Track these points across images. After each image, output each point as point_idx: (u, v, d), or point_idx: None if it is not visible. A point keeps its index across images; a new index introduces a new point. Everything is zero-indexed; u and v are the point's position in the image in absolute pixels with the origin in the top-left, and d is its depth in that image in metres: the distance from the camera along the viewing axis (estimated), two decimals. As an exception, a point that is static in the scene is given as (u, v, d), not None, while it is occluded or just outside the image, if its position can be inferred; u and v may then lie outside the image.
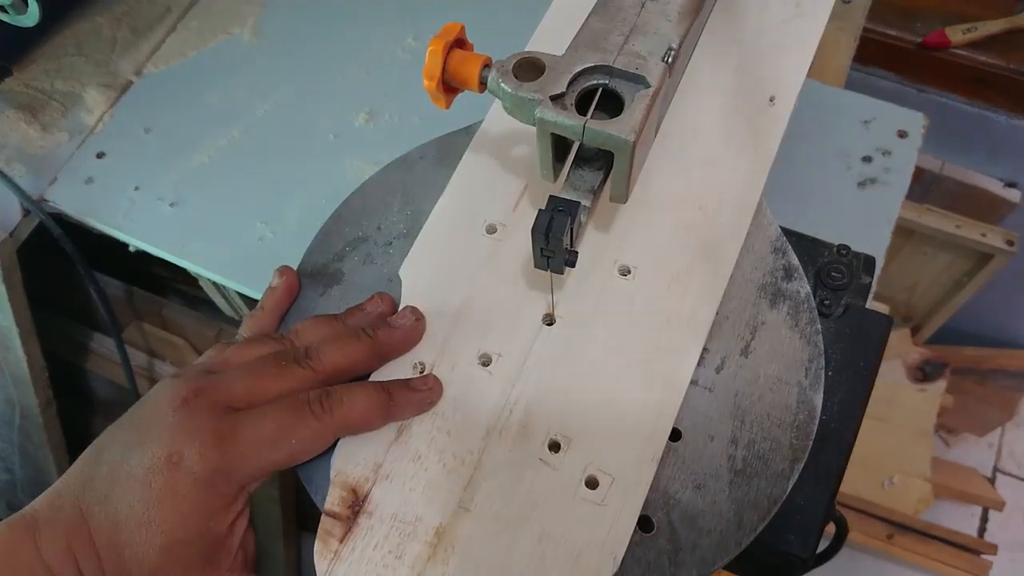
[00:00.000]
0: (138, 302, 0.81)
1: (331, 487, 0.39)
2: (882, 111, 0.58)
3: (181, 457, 0.36)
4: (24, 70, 0.65)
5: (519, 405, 0.40)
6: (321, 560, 0.37)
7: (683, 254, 0.43)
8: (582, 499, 0.38)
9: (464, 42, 0.41)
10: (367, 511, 0.38)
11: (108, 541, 0.35)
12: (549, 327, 0.42)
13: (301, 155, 0.59)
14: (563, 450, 0.39)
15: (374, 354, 0.40)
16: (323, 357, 0.39)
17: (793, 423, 0.40)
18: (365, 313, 0.43)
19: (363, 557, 0.37)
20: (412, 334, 0.41)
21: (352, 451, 0.39)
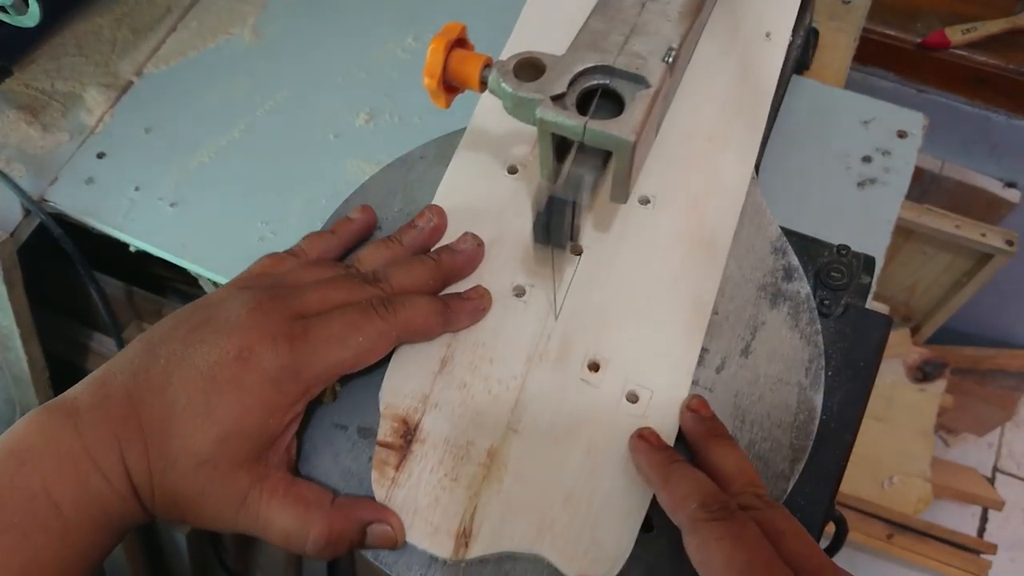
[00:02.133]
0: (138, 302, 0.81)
1: (382, 420, 0.40)
2: (882, 111, 0.58)
3: (252, 353, 0.36)
4: (24, 70, 0.65)
5: (556, 331, 0.42)
6: (379, 488, 0.39)
7: (697, 183, 0.45)
8: (625, 413, 0.40)
9: (465, 42, 0.41)
10: (419, 439, 0.40)
11: (158, 430, 0.35)
12: (578, 256, 0.44)
13: (301, 155, 0.59)
14: (602, 369, 0.41)
15: (438, 277, 0.42)
16: (391, 279, 0.41)
17: (793, 423, 0.40)
18: (419, 229, 0.44)
19: (420, 481, 0.39)
20: (474, 258, 0.43)
21: (399, 384, 0.41)
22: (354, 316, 0.38)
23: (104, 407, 0.36)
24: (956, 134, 1.01)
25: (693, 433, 0.39)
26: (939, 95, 0.95)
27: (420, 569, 0.38)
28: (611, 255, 0.44)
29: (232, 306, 0.38)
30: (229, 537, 0.94)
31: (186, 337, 0.37)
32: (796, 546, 0.33)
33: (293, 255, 0.44)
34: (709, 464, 0.37)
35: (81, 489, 0.34)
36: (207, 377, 0.36)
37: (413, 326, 0.40)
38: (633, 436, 0.39)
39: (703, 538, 0.33)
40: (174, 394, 0.36)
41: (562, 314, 0.42)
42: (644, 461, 0.38)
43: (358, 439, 0.40)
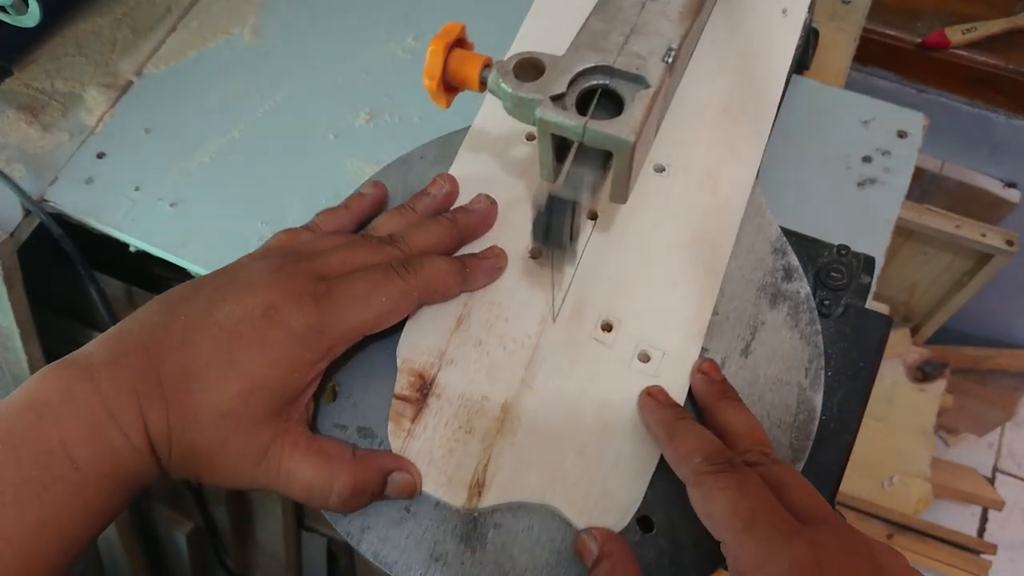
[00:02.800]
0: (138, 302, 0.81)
1: (399, 374, 0.41)
2: (882, 111, 0.57)
3: (277, 310, 0.37)
4: (24, 70, 0.65)
5: (571, 292, 0.43)
6: (395, 439, 0.40)
7: (711, 151, 0.46)
8: (636, 371, 0.41)
9: (465, 42, 0.41)
10: (435, 393, 0.41)
11: (179, 384, 0.35)
12: (593, 220, 0.45)
13: (301, 155, 0.59)
14: (615, 330, 0.42)
15: (454, 236, 0.43)
16: (409, 240, 0.41)
17: (793, 423, 0.40)
18: (431, 196, 0.45)
19: (435, 434, 0.40)
20: (488, 216, 0.44)
21: (416, 341, 0.42)
22: (376, 276, 0.39)
23: (122, 362, 0.36)
24: (956, 134, 1.01)
25: (703, 394, 0.40)
26: (939, 95, 0.95)
27: (420, 569, 0.38)
28: (626, 219, 0.45)
29: (255, 269, 0.39)
30: (229, 537, 0.94)
31: (209, 296, 0.38)
32: (800, 496, 0.33)
33: (308, 230, 0.44)
34: (718, 424, 0.38)
35: (98, 444, 0.34)
36: (231, 333, 0.36)
37: (433, 286, 0.40)
38: (642, 394, 0.40)
39: (707, 490, 0.34)
40: (195, 349, 0.36)
41: (576, 276, 0.43)
42: (651, 417, 0.39)
43: (358, 439, 0.40)
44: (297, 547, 0.96)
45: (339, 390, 0.42)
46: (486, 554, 0.38)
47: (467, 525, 0.39)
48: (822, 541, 0.31)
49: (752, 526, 0.32)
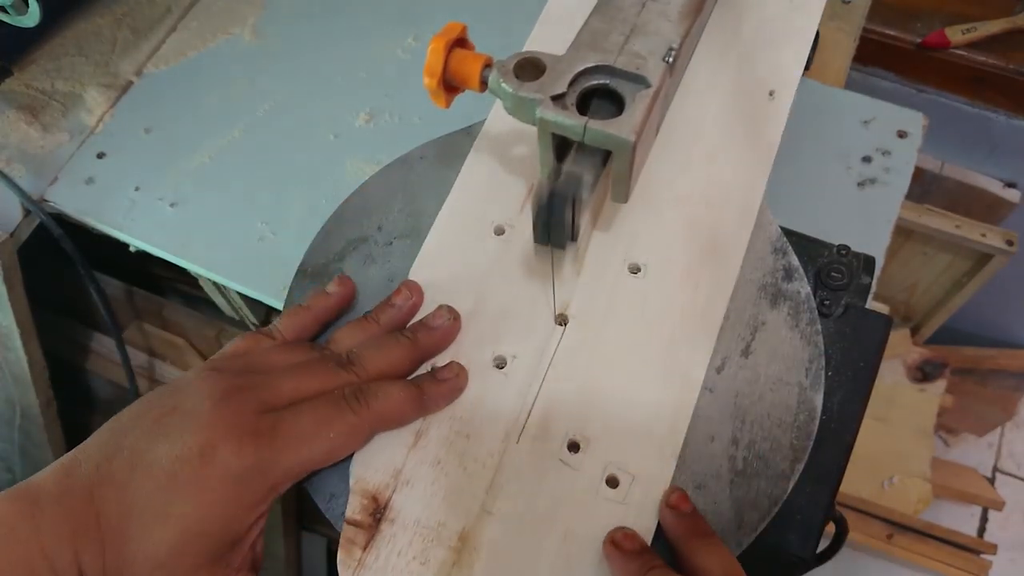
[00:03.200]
0: (138, 302, 0.81)
1: (351, 495, 0.39)
2: (882, 111, 0.58)
3: (215, 451, 0.35)
4: (24, 70, 0.65)
5: (536, 407, 0.40)
6: (345, 569, 0.37)
7: (692, 249, 0.43)
8: (604, 498, 0.38)
9: (465, 42, 0.41)
10: (389, 518, 0.38)
11: (116, 529, 0.34)
12: (563, 327, 0.42)
13: (301, 155, 0.59)
14: (582, 450, 0.39)
15: (414, 356, 0.41)
16: (366, 363, 0.39)
17: (793, 423, 0.40)
18: (396, 308, 0.43)
19: (387, 564, 0.37)
20: (449, 333, 0.42)
21: (370, 458, 0.39)
22: (326, 410, 0.37)
23: (64, 500, 0.35)
24: (956, 134, 1.01)
25: (674, 531, 0.37)
26: (939, 95, 0.95)
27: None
28: (598, 327, 0.42)
29: (199, 395, 0.37)
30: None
31: (150, 428, 0.36)
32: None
33: (269, 335, 0.42)
34: (692, 567, 0.35)
35: (23, 570, 0.33)
36: (168, 475, 0.35)
37: (387, 416, 0.39)
38: (606, 542, 0.37)
39: None
40: (134, 492, 0.35)
41: (543, 389, 0.41)
42: (619, 572, 0.36)
43: (358, 439, 0.40)
44: (297, 547, 0.95)
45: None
46: None
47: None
48: None
49: None
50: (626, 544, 0.36)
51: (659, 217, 0.45)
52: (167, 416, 0.36)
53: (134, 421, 0.37)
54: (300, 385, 0.38)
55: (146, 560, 0.34)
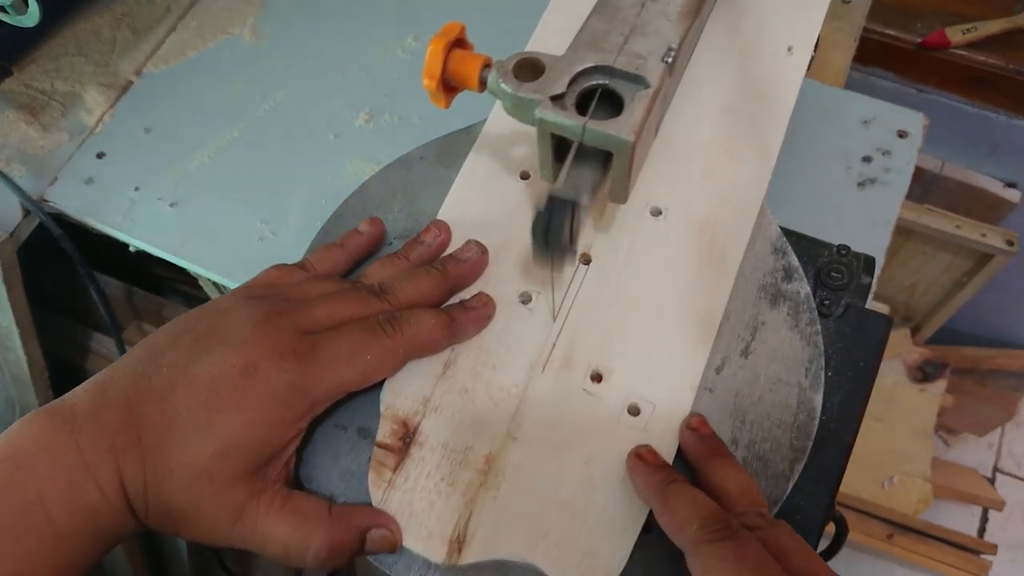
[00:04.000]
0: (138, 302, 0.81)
1: (382, 421, 0.40)
2: (882, 111, 0.57)
3: (257, 369, 0.36)
4: (24, 70, 0.65)
5: (560, 340, 0.42)
6: (376, 489, 0.39)
7: (711, 196, 0.45)
8: (626, 425, 0.40)
9: (464, 42, 0.41)
10: (418, 442, 0.40)
11: (156, 441, 0.35)
12: (586, 266, 0.44)
13: (301, 155, 0.59)
14: (605, 380, 0.41)
15: (444, 287, 0.42)
16: (398, 292, 0.41)
17: (793, 424, 0.40)
18: (425, 245, 0.44)
19: (416, 485, 0.39)
20: (478, 265, 0.43)
21: (400, 386, 0.41)
22: (361, 334, 0.38)
23: (103, 414, 0.35)
24: (956, 134, 1.01)
25: (693, 452, 0.39)
26: (939, 95, 0.95)
27: (420, 570, 0.38)
28: (620, 266, 0.44)
29: (239, 318, 0.38)
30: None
31: (191, 347, 0.37)
32: (802, 563, 0.33)
33: (301, 268, 0.43)
34: (710, 484, 0.37)
35: (74, 499, 0.34)
36: (210, 390, 0.36)
37: (420, 342, 0.40)
38: (630, 456, 0.38)
39: (707, 561, 0.33)
40: (175, 405, 0.36)
41: (567, 323, 0.42)
42: (642, 482, 0.37)
43: (357, 440, 0.40)
44: (297, 547, 0.95)
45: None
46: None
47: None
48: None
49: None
50: (650, 458, 0.38)
51: (681, 165, 0.46)
52: (207, 337, 0.37)
53: (172, 340, 0.38)
54: (335, 311, 0.39)
55: (186, 470, 0.35)
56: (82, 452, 0.34)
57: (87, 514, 0.34)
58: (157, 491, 0.35)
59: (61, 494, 0.34)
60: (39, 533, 0.33)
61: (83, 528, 0.34)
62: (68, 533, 0.34)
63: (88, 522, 0.34)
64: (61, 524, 0.34)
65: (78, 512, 0.34)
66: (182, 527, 0.36)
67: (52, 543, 0.33)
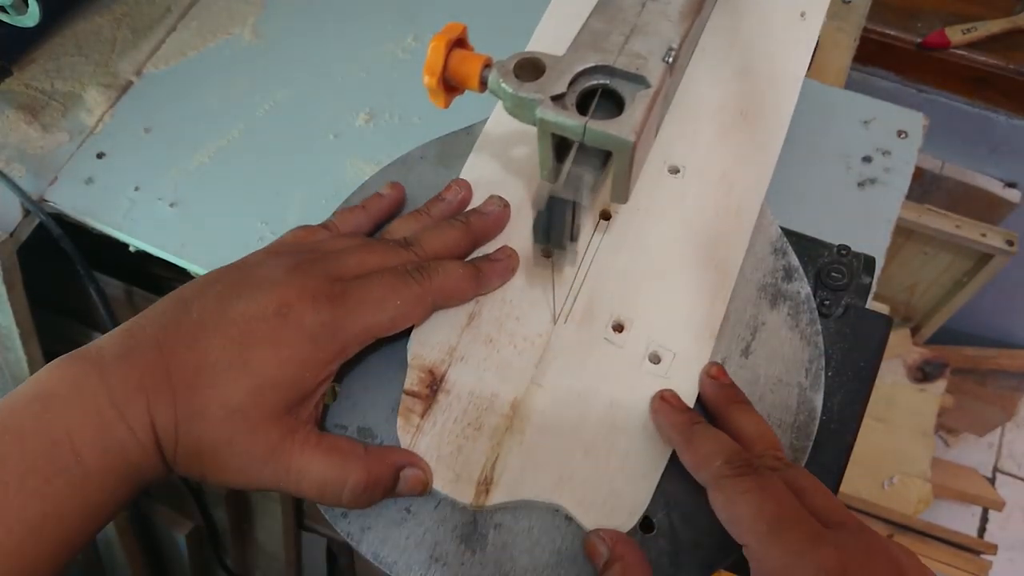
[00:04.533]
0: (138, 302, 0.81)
1: (409, 370, 0.41)
2: (882, 111, 0.57)
3: (291, 309, 0.37)
4: (24, 70, 0.65)
5: (583, 291, 0.43)
6: (404, 434, 0.40)
7: (727, 154, 0.46)
8: (647, 372, 0.41)
9: (465, 43, 0.41)
10: (445, 389, 0.41)
11: (188, 380, 0.35)
12: (606, 221, 0.45)
13: (301, 155, 0.59)
14: (626, 330, 0.42)
15: (468, 239, 0.43)
16: (424, 244, 0.42)
17: (793, 424, 0.40)
18: (447, 202, 0.45)
19: (444, 430, 0.40)
20: (501, 219, 0.44)
21: (426, 336, 0.42)
22: (391, 280, 0.39)
23: (131, 356, 0.35)
24: (956, 134, 1.01)
25: (713, 399, 0.40)
26: (939, 95, 0.95)
27: (420, 570, 0.38)
28: (640, 220, 0.45)
29: (270, 266, 0.39)
30: (229, 537, 0.94)
31: (221, 293, 0.38)
32: (819, 500, 0.34)
33: (325, 228, 0.44)
34: (730, 429, 0.38)
35: (103, 438, 0.34)
36: (243, 331, 0.36)
37: (447, 291, 0.40)
38: (654, 398, 0.40)
39: (729, 493, 0.34)
40: (207, 345, 0.36)
41: (589, 276, 0.43)
42: (666, 423, 0.39)
43: (358, 439, 0.40)
44: (297, 547, 0.96)
45: (339, 390, 0.42)
46: (486, 555, 0.38)
47: (467, 526, 0.39)
48: (845, 545, 0.31)
49: (777, 530, 0.32)
50: (674, 401, 0.39)
51: (697, 124, 0.47)
52: (238, 284, 0.38)
53: (200, 291, 0.38)
54: (364, 261, 0.40)
55: (220, 407, 0.35)
56: (111, 392, 0.34)
57: (116, 454, 0.34)
58: (188, 429, 0.35)
59: (90, 434, 0.34)
60: (67, 473, 0.33)
61: (112, 468, 0.34)
62: (96, 473, 0.34)
63: (116, 463, 0.34)
64: (89, 464, 0.33)
65: (107, 452, 0.34)
66: (210, 467, 0.36)
67: (80, 483, 0.33)
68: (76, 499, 0.33)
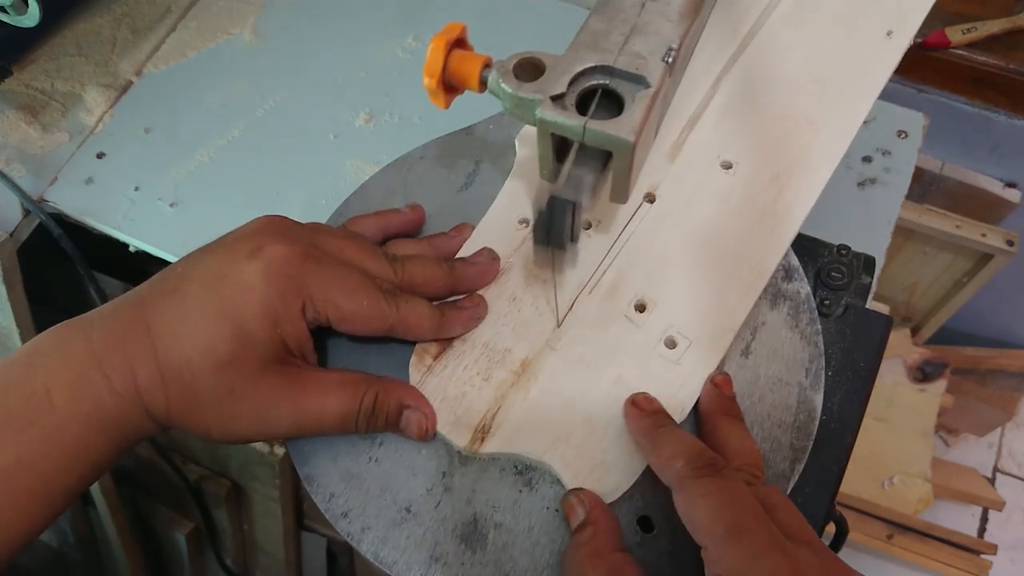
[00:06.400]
0: (138, 302, 0.81)
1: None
2: (882, 111, 0.57)
3: (262, 249, 0.37)
4: (24, 70, 0.65)
5: (612, 267, 0.44)
6: (415, 371, 0.41)
7: (783, 159, 0.46)
8: (659, 355, 0.41)
9: (465, 43, 0.41)
10: (462, 337, 0.42)
11: (167, 333, 0.36)
12: (650, 204, 0.45)
13: (301, 155, 0.59)
14: (647, 311, 0.42)
15: (448, 284, 0.43)
16: (407, 267, 0.42)
17: (793, 424, 0.40)
18: (448, 237, 0.46)
19: (453, 374, 0.41)
20: (487, 272, 0.44)
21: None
22: (366, 281, 0.39)
23: (116, 314, 0.37)
24: (956, 134, 1.01)
25: (708, 405, 0.40)
26: (939, 95, 0.95)
27: (420, 570, 0.38)
28: (683, 208, 0.45)
29: (248, 226, 0.39)
30: (229, 537, 0.94)
31: (205, 248, 0.39)
32: (786, 517, 0.33)
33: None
34: (716, 440, 0.38)
35: (79, 388, 0.35)
36: (218, 276, 0.37)
37: (407, 324, 0.40)
38: (626, 402, 0.39)
39: (688, 495, 0.33)
40: (184, 295, 0.36)
41: (621, 254, 0.44)
42: (633, 426, 0.39)
43: (357, 440, 0.40)
44: (297, 547, 0.96)
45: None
46: (486, 555, 0.38)
47: (467, 526, 0.39)
48: (805, 560, 0.31)
49: (735, 533, 0.31)
50: (644, 404, 0.39)
51: (760, 125, 0.47)
52: (222, 239, 0.39)
53: (182, 259, 0.39)
54: (346, 248, 0.40)
55: (205, 356, 0.36)
56: (92, 346, 0.36)
57: (90, 403, 0.35)
58: (177, 378, 0.36)
59: (66, 383, 0.35)
60: (42, 422, 0.34)
61: (86, 416, 0.35)
62: (70, 422, 0.35)
63: (91, 411, 0.35)
64: (63, 412, 0.35)
65: (81, 401, 0.35)
66: (218, 420, 0.36)
67: (54, 431, 0.34)
68: (51, 447, 0.34)
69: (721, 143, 0.47)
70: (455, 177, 0.49)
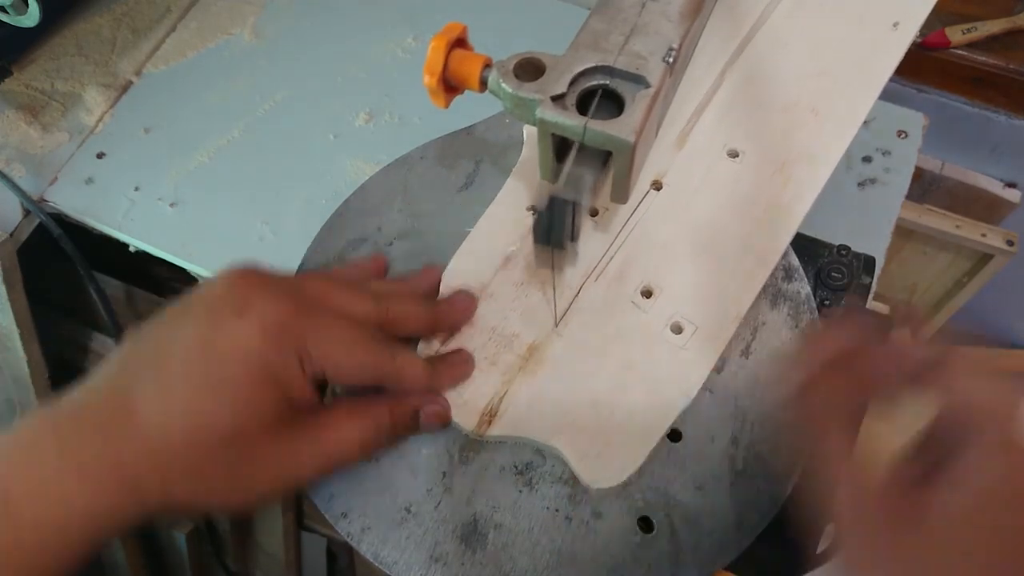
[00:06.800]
0: (138, 302, 0.81)
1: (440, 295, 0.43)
2: (882, 111, 0.57)
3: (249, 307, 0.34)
4: (24, 70, 0.65)
5: (619, 254, 0.44)
6: (425, 350, 0.42)
7: (789, 149, 0.46)
8: (665, 341, 0.42)
9: (465, 43, 0.41)
10: (470, 321, 0.43)
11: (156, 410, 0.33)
12: (657, 192, 0.46)
13: (301, 155, 0.59)
14: (654, 297, 0.43)
15: (428, 323, 0.43)
16: (390, 305, 0.40)
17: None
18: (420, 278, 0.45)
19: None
20: (467, 312, 0.44)
21: (462, 268, 0.44)
22: (361, 334, 0.37)
23: (86, 398, 0.34)
24: (956, 134, 1.01)
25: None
26: (939, 95, 0.95)
27: (420, 570, 0.38)
28: (689, 197, 0.45)
29: (222, 281, 0.36)
30: (229, 537, 0.94)
31: (177, 310, 0.36)
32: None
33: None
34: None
35: (43, 488, 0.32)
36: (204, 341, 0.34)
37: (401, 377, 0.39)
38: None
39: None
40: (166, 367, 0.33)
41: (628, 241, 0.44)
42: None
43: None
44: (297, 547, 0.95)
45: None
46: (486, 555, 0.38)
47: (467, 526, 0.39)
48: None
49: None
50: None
51: (767, 115, 0.47)
52: (192, 303, 0.35)
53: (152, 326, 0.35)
54: (329, 292, 0.38)
55: (209, 435, 0.33)
56: (62, 440, 0.32)
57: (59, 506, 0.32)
58: (179, 460, 0.33)
59: (27, 489, 0.31)
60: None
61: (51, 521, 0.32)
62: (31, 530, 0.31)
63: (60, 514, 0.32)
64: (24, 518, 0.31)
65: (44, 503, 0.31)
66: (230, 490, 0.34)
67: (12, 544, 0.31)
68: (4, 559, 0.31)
69: (728, 132, 0.47)
70: (455, 177, 0.49)
